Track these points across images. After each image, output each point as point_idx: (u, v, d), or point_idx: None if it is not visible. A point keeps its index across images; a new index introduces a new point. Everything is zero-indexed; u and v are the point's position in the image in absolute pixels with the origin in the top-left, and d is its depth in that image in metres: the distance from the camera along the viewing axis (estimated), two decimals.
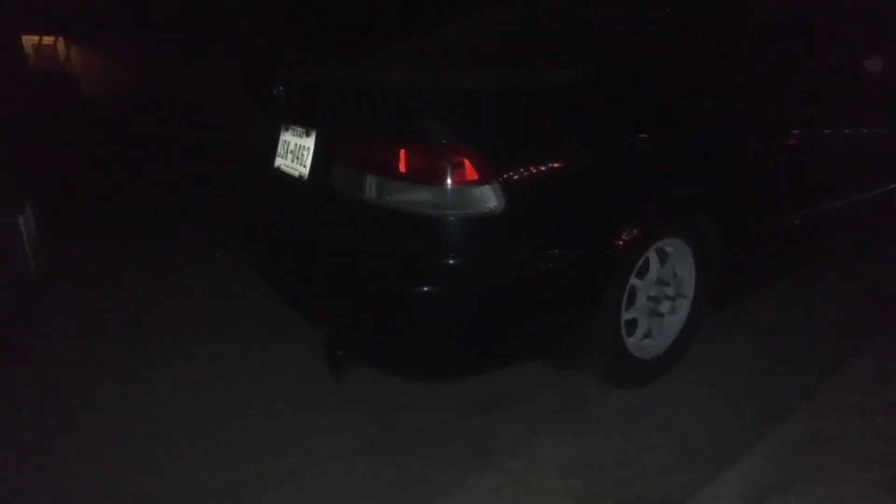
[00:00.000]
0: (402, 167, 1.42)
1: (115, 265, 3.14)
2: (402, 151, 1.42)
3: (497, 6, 2.65)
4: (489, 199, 1.41)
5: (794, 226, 2.41)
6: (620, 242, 1.66)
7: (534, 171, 1.49)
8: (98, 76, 14.31)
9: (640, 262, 1.81)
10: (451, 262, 1.44)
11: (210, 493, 1.52)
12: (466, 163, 1.39)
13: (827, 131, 2.50)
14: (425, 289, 1.42)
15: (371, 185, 1.49)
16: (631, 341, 1.90)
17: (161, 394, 1.95)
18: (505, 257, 1.49)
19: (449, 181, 1.39)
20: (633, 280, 1.82)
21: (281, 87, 1.91)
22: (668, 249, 1.94)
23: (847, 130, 2.63)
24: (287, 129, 1.92)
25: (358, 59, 2.78)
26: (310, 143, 1.77)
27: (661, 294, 1.96)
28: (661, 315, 1.98)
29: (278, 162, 1.94)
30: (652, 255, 1.88)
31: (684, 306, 2.03)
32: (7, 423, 1.81)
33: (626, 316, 1.84)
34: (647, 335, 1.98)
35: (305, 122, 1.82)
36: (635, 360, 1.92)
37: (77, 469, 1.60)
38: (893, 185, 3.05)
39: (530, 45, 2.12)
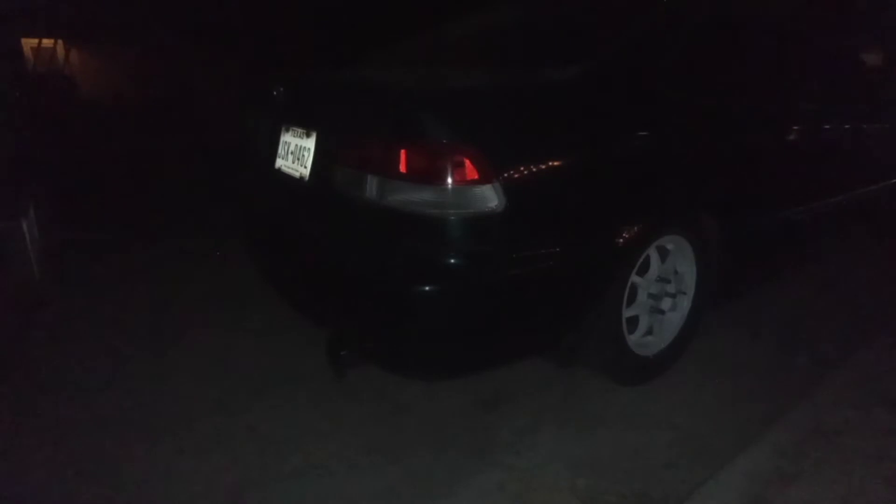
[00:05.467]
0: (402, 167, 1.42)
1: (118, 267, 3.15)
2: (403, 151, 1.42)
3: (497, 6, 2.66)
4: (490, 198, 1.41)
5: (794, 221, 2.41)
6: (621, 240, 1.66)
7: (534, 169, 1.50)
8: (98, 78, 14.32)
9: (640, 260, 1.81)
10: (452, 261, 1.44)
11: (213, 493, 1.53)
12: (467, 162, 1.39)
13: (827, 126, 2.50)
14: (427, 288, 1.42)
15: (372, 186, 1.49)
16: (632, 338, 1.91)
17: (164, 394, 1.96)
18: (506, 256, 1.50)
19: (450, 181, 1.39)
20: (634, 277, 1.83)
21: (281, 88, 1.92)
22: (669, 246, 1.95)
23: (847, 125, 2.64)
24: (287, 130, 1.92)
25: (357, 59, 2.78)
26: (310, 143, 1.78)
27: (662, 291, 1.97)
28: (662, 312, 1.98)
29: (279, 163, 1.95)
30: (652, 252, 1.88)
31: (685, 303, 2.04)
32: (11, 425, 1.82)
33: (627, 313, 1.84)
34: (649, 332, 1.99)
35: (306, 123, 1.83)
36: (637, 357, 1.93)
37: (80, 470, 1.61)
38: (894, 180, 3.06)
39: (530, 44, 2.13)
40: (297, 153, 1.84)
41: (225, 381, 2.03)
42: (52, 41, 14.09)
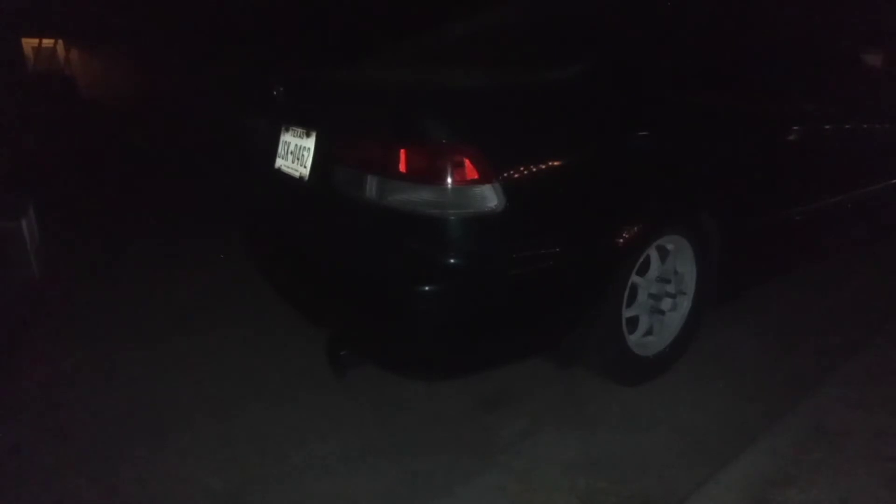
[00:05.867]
0: (402, 167, 1.42)
1: (118, 267, 3.15)
2: (403, 151, 1.42)
3: (497, 6, 2.65)
4: (490, 198, 1.41)
5: (794, 221, 2.41)
6: (621, 240, 1.66)
7: (534, 169, 1.50)
8: (98, 78, 14.32)
9: (640, 260, 1.81)
10: (452, 261, 1.44)
11: (213, 494, 1.53)
12: (467, 162, 1.39)
13: (827, 127, 2.50)
14: (427, 288, 1.42)
15: (372, 186, 1.49)
16: (632, 339, 1.91)
17: (164, 394, 1.96)
18: (506, 256, 1.50)
19: (449, 181, 1.39)
20: (634, 278, 1.82)
21: (281, 88, 1.92)
22: (669, 247, 1.94)
23: (847, 126, 2.63)
24: (287, 130, 1.92)
25: (357, 59, 2.78)
26: (310, 143, 1.78)
27: (662, 291, 1.96)
28: (662, 312, 1.98)
29: (279, 163, 1.95)
30: (652, 252, 1.88)
31: (685, 303, 2.04)
32: (11, 424, 1.82)
33: (627, 313, 1.84)
34: (649, 332, 1.99)
35: (305, 123, 1.83)
36: (637, 357, 1.93)
37: (80, 470, 1.61)
38: (894, 181, 3.05)
39: (530, 44, 2.13)
40: (296, 153, 1.84)
41: (225, 381, 2.03)
42: (52, 41, 14.10)
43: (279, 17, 10.82)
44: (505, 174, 1.43)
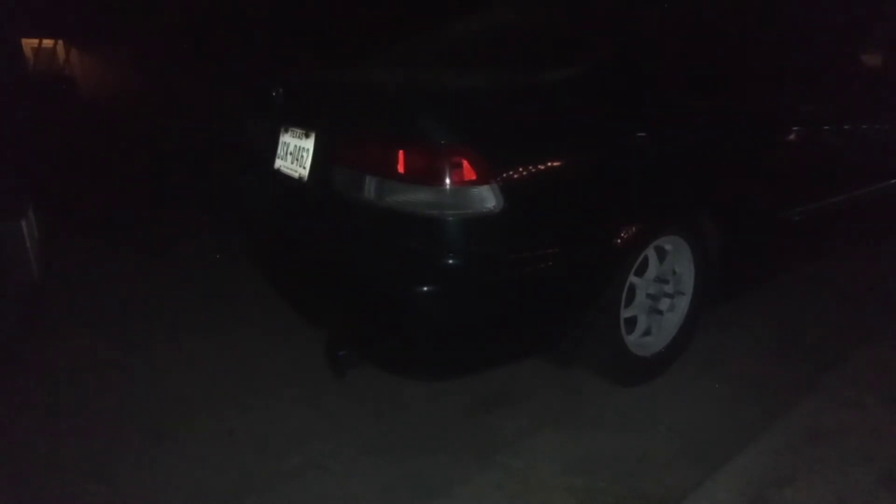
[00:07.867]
0: (400, 168, 1.43)
1: (118, 268, 3.15)
2: (401, 152, 1.43)
3: (496, 6, 2.66)
4: (488, 198, 1.42)
5: (792, 222, 2.41)
6: (619, 241, 1.66)
7: (532, 170, 1.50)
8: (98, 78, 14.32)
9: (638, 260, 1.82)
10: (450, 261, 1.44)
11: (213, 494, 1.53)
12: (465, 163, 1.40)
13: (826, 127, 2.50)
14: (425, 289, 1.43)
15: (370, 186, 1.50)
16: (630, 339, 1.91)
17: (163, 395, 1.96)
18: (504, 257, 1.50)
19: (448, 181, 1.40)
20: (632, 278, 1.83)
21: (280, 89, 1.92)
22: (667, 247, 1.95)
23: (846, 126, 2.64)
24: (286, 131, 1.93)
25: (357, 59, 2.79)
26: (309, 144, 1.78)
27: (660, 292, 1.97)
28: (660, 313, 1.99)
29: (278, 163, 1.95)
30: (650, 252, 1.88)
31: (683, 303, 2.04)
32: (11, 425, 1.83)
33: (625, 314, 1.85)
34: (647, 333, 1.99)
35: (305, 124, 1.83)
36: (635, 357, 1.93)
37: (80, 470, 1.61)
38: (893, 181, 3.06)
39: (528, 45, 2.13)
40: (296, 154, 1.85)
41: (224, 381, 2.04)
42: (52, 41, 14.11)
43: (279, 17, 10.83)
44: (503, 175, 1.43)
